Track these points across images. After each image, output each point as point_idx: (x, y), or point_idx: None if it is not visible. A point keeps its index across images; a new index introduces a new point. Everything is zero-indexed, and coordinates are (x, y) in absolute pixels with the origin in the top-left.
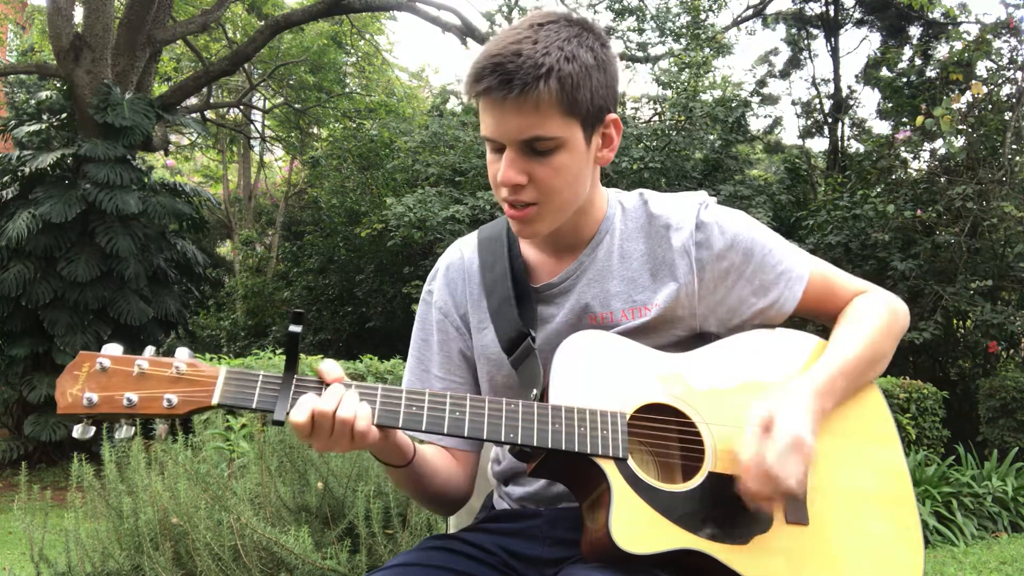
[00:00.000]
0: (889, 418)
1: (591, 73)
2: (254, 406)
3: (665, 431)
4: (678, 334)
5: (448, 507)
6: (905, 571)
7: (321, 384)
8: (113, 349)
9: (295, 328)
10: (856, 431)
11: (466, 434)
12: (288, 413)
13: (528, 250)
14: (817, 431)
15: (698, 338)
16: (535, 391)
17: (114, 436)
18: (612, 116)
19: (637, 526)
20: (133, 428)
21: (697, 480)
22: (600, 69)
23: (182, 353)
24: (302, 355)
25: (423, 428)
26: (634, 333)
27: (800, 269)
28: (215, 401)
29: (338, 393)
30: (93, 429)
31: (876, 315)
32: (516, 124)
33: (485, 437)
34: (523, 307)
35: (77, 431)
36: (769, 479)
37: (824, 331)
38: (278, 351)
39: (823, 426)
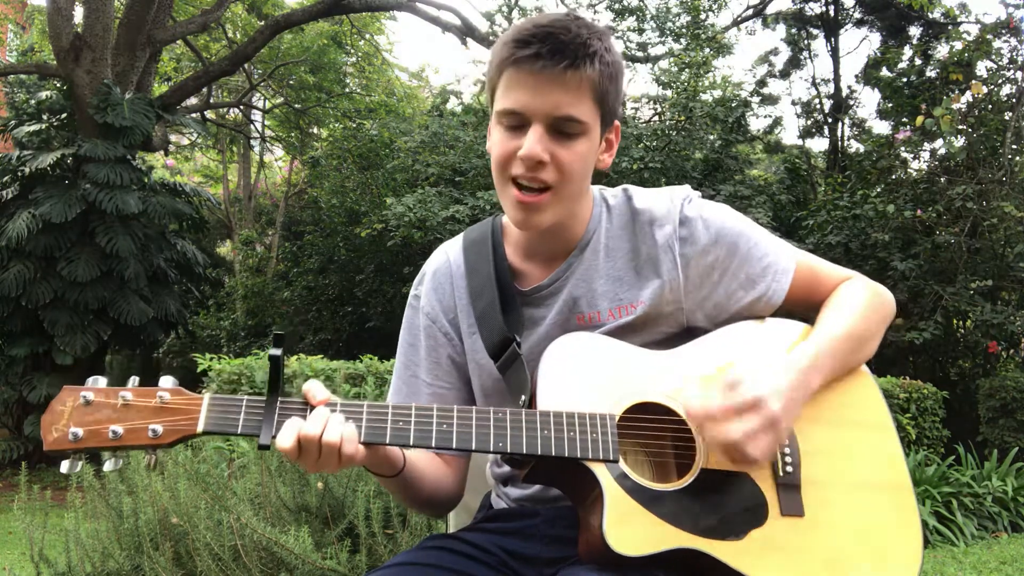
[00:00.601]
0: (883, 405)
1: (618, 74)
2: (239, 431)
3: (657, 430)
4: (666, 330)
5: (438, 509)
6: (903, 559)
7: (306, 406)
8: (97, 382)
9: (275, 351)
10: (849, 419)
11: (455, 446)
12: (274, 438)
13: (514, 254)
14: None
15: (686, 333)
16: (523, 397)
17: (101, 469)
18: (617, 123)
19: (631, 528)
20: (121, 460)
21: (690, 477)
22: (622, 74)
23: (166, 381)
24: (302, 355)
25: (411, 443)
26: (621, 331)
27: (786, 261)
28: (200, 429)
29: (323, 416)
30: (81, 463)
31: (861, 297)
32: (554, 99)
33: (474, 448)
34: (508, 312)
35: (65, 467)
36: (712, 434)
37: (812, 322)
38: None
39: (816, 414)
